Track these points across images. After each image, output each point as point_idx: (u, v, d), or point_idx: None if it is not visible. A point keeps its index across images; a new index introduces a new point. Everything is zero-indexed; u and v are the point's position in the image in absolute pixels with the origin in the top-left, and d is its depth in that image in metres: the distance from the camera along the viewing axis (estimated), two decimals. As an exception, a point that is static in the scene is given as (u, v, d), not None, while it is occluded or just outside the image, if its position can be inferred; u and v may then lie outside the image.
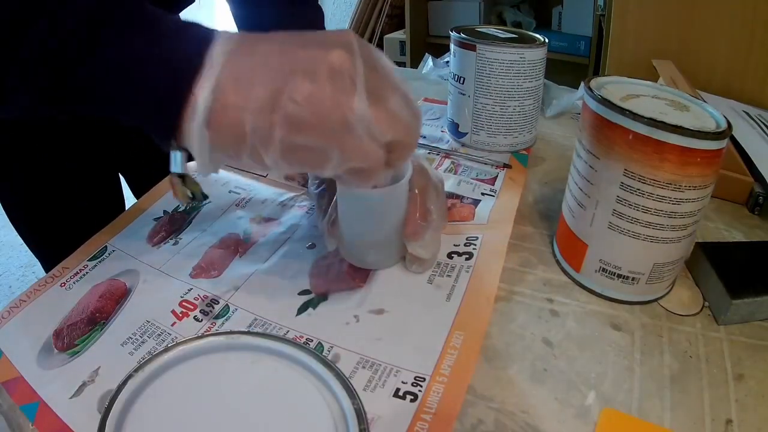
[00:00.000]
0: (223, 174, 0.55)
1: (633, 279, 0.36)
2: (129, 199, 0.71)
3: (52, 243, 0.62)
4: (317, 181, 0.43)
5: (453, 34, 0.55)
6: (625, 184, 0.33)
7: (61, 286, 0.40)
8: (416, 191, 0.39)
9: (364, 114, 0.27)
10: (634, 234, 0.34)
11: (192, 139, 0.27)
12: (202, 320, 0.36)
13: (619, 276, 0.36)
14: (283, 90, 0.26)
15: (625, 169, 0.33)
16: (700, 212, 0.33)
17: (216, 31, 0.28)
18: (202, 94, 0.26)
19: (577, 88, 0.74)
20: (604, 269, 0.37)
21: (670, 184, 0.32)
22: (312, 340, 0.34)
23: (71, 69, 0.25)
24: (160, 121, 0.27)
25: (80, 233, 0.46)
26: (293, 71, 0.26)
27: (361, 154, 0.28)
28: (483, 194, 0.50)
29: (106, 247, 0.44)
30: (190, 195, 0.33)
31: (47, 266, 0.65)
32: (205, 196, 0.33)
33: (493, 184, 0.51)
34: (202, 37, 0.27)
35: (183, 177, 0.32)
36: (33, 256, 0.67)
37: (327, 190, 0.41)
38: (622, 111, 0.32)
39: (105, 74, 0.26)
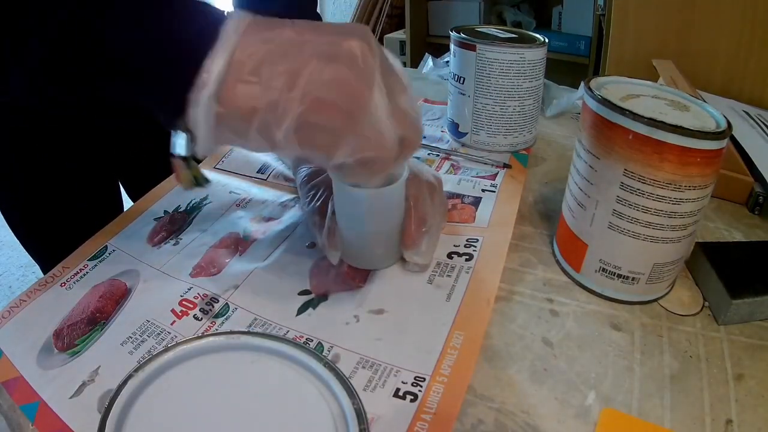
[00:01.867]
0: (223, 177, 0.55)
1: (633, 279, 0.36)
2: (127, 203, 0.71)
3: (49, 245, 0.62)
4: (308, 198, 0.42)
5: (453, 34, 0.55)
6: (625, 184, 0.33)
7: (61, 286, 0.40)
8: (410, 202, 0.39)
9: (382, 104, 0.27)
10: (634, 234, 0.34)
11: (198, 112, 0.26)
12: (201, 319, 0.36)
13: (619, 276, 0.36)
14: (302, 69, 0.26)
15: (625, 169, 0.33)
16: (700, 212, 0.33)
17: (228, 11, 0.28)
18: (216, 64, 0.25)
19: (577, 88, 0.74)
20: (604, 269, 0.37)
21: (670, 184, 0.32)
22: (312, 340, 0.34)
23: (88, 23, 0.25)
24: (170, 93, 0.27)
25: (78, 236, 0.46)
26: (312, 53, 0.26)
27: (375, 143, 0.28)
28: (483, 191, 0.50)
29: (106, 247, 0.44)
30: (193, 179, 0.32)
31: (45, 268, 0.65)
32: (207, 181, 0.33)
33: (494, 180, 0.51)
34: (216, 13, 0.27)
35: (186, 160, 0.31)
36: (33, 256, 0.67)
37: (319, 206, 0.41)
38: (622, 111, 0.32)
39: (118, 36, 0.25)
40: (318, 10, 0.65)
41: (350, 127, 0.27)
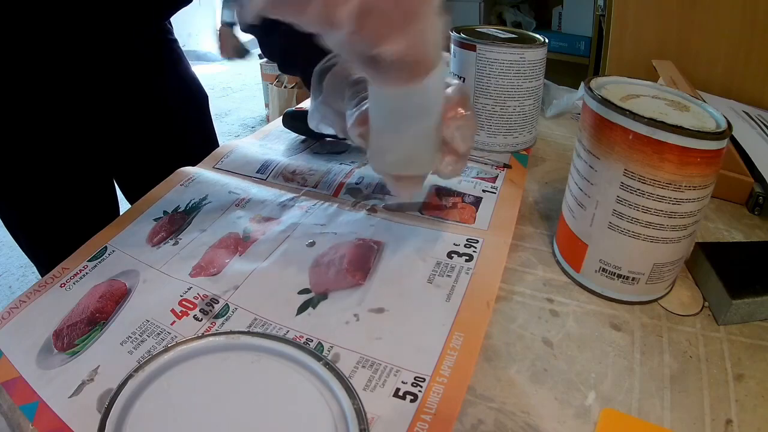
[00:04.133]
0: (222, 177, 0.55)
1: (633, 279, 0.36)
2: (122, 203, 0.72)
3: (46, 246, 0.62)
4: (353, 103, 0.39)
5: (453, 34, 0.55)
6: (625, 184, 0.33)
7: (60, 286, 0.40)
8: (457, 96, 0.36)
9: (436, 18, 0.27)
10: (634, 234, 0.34)
11: None
12: (201, 319, 0.36)
13: (619, 276, 0.36)
14: None
15: (625, 169, 0.33)
16: (700, 212, 0.33)
17: None
18: None
19: (577, 88, 0.74)
20: (604, 269, 0.37)
21: (670, 184, 0.32)
22: (312, 340, 0.34)
23: None
24: None
25: (74, 236, 0.46)
26: None
27: (424, 47, 0.27)
28: (484, 191, 0.50)
29: (106, 247, 0.44)
30: (238, 48, 0.31)
31: (42, 269, 0.65)
32: (248, 52, 0.31)
33: (494, 182, 0.51)
34: None
35: (232, 27, 0.30)
36: (33, 257, 0.67)
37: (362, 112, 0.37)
38: (622, 111, 0.32)
39: None
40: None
41: (409, 22, 0.26)
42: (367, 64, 0.29)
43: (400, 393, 0.30)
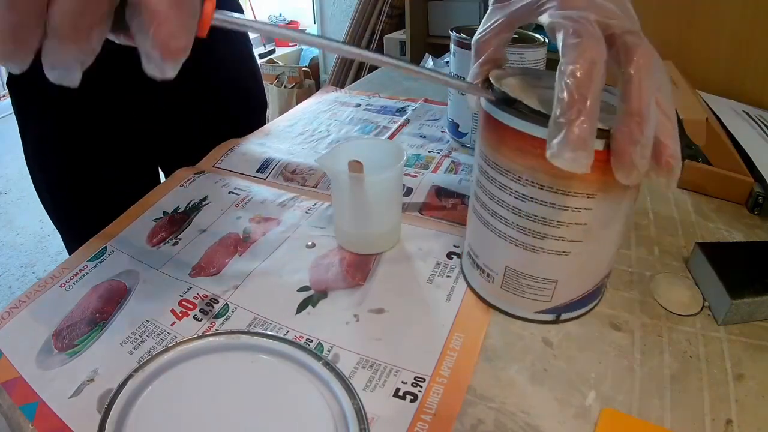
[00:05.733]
0: (222, 176, 0.55)
1: (488, 275, 0.35)
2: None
3: (87, 231, 0.63)
4: None
5: (453, 34, 0.55)
6: (483, 169, 0.32)
7: (60, 286, 0.40)
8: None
9: None
10: (485, 221, 0.33)
11: None
12: (201, 319, 0.36)
13: (478, 267, 0.36)
14: None
15: (483, 153, 0.32)
16: (572, 228, 0.29)
17: None
18: None
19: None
20: (470, 257, 0.37)
21: (509, 171, 0.29)
22: (312, 340, 0.34)
23: None
24: None
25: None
26: None
27: None
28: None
29: (105, 247, 0.44)
30: None
31: (71, 246, 0.64)
32: None
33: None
34: None
35: None
36: (33, 256, 0.67)
37: None
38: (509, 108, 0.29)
39: None
40: (319, 10, 0.65)
41: None
42: None
43: (400, 393, 0.30)
